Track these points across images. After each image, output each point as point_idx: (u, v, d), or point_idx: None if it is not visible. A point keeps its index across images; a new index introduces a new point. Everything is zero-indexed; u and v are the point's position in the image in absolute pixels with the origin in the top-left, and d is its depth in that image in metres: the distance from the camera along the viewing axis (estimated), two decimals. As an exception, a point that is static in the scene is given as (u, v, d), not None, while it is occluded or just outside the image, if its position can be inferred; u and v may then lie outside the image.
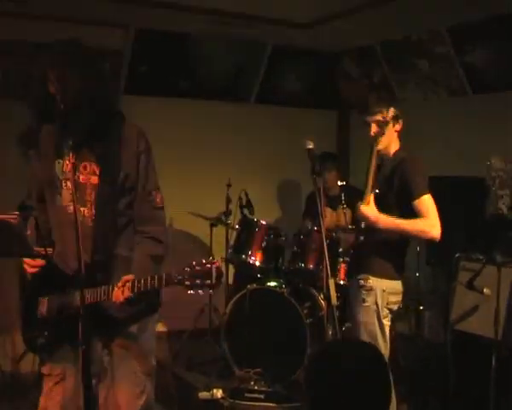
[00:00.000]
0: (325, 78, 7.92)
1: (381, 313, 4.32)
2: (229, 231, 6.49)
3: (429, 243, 5.74)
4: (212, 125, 7.43)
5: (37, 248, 3.14)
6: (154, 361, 3.70)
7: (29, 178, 3.55)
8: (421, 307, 6.40)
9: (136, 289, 3.19)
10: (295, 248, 5.96)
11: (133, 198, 3.44)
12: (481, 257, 5.15)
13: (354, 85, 7.84)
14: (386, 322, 4.36)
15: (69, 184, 3.36)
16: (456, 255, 5.41)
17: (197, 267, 3.10)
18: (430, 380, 5.65)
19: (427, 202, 4.18)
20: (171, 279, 3.11)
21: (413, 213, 4.16)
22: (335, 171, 6.63)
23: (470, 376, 5.24)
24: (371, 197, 4.19)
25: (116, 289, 3.23)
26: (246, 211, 6.35)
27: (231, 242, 6.35)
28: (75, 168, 3.28)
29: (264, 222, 6.10)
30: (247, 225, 6.15)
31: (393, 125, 4.41)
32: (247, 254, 6.03)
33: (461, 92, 6.66)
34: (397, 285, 4.40)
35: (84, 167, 3.36)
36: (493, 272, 4.95)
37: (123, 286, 3.21)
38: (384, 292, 4.32)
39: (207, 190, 7.05)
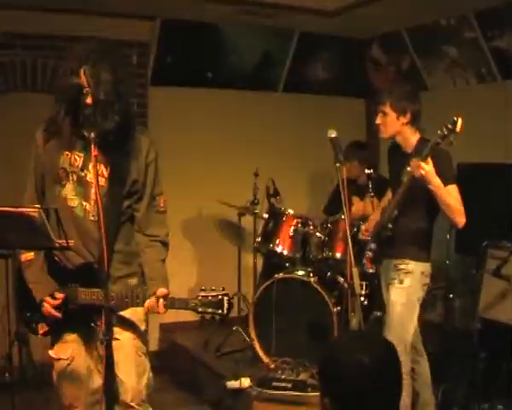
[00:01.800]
0: (353, 65, 7.85)
1: (419, 295, 4.61)
2: (257, 220, 6.50)
3: (458, 231, 5.79)
4: (240, 115, 7.44)
5: (58, 241, 3.18)
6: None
7: (34, 171, 3.59)
8: (451, 296, 6.36)
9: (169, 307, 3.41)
10: (323, 237, 5.94)
11: (135, 200, 3.60)
12: (509, 245, 5.12)
13: (382, 72, 7.78)
14: (418, 305, 4.62)
15: (75, 177, 3.48)
16: (484, 243, 5.39)
17: (210, 297, 3.29)
18: (458, 368, 5.62)
19: (456, 191, 4.39)
20: (185, 304, 3.34)
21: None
22: (357, 160, 6.59)
23: (498, 364, 5.21)
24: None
25: (152, 300, 3.40)
26: (273, 200, 6.35)
27: (259, 231, 6.35)
28: (86, 164, 3.46)
29: (291, 211, 6.10)
30: (275, 215, 6.16)
31: (398, 118, 4.58)
32: (274, 243, 6.04)
33: (490, 78, 6.58)
34: (429, 268, 4.68)
35: (92, 168, 3.41)
36: (521, 260, 4.93)
37: (161, 299, 3.39)
38: (422, 274, 4.61)
39: (235, 179, 7.05)
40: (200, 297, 3.29)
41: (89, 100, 3.28)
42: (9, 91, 6.41)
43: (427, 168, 4.20)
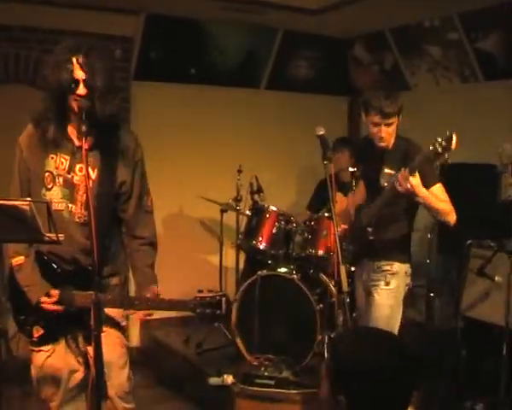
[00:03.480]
0: (336, 64, 7.89)
1: (402, 295, 4.62)
2: (240, 216, 6.50)
3: (441, 230, 5.83)
4: (223, 112, 7.42)
5: (48, 235, 3.15)
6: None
7: (19, 171, 3.55)
8: (432, 294, 6.39)
9: (147, 308, 3.53)
10: (306, 235, 5.94)
11: (123, 201, 3.59)
12: (492, 244, 5.16)
13: (365, 71, 7.81)
14: (401, 306, 4.63)
15: (61, 180, 3.46)
16: (468, 242, 5.42)
17: (208, 299, 3.35)
18: (440, 366, 5.65)
19: (442, 189, 4.36)
20: (184, 306, 3.42)
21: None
22: (348, 152, 6.61)
23: (481, 363, 5.26)
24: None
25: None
26: (256, 197, 6.33)
27: (242, 228, 6.34)
28: (72, 166, 3.44)
29: (274, 208, 6.08)
30: (258, 211, 6.13)
31: (398, 120, 4.45)
32: (257, 240, 6.01)
33: (473, 79, 6.63)
34: (410, 267, 4.67)
35: (80, 170, 3.43)
36: (504, 260, 4.96)
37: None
38: (405, 274, 4.62)
39: (218, 176, 7.03)
40: (198, 298, 3.34)
41: (81, 91, 3.25)
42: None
43: (414, 182, 4.07)
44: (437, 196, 4.29)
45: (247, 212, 6.25)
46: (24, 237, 3.29)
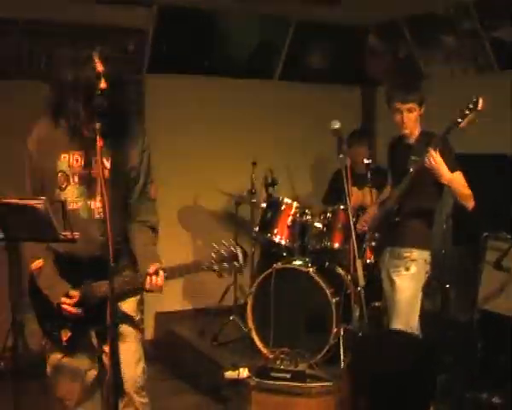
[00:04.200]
0: (350, 53, 7.82)
1: (422, 282, 4.83)
2: (255, 209, 6.48)
3: (456, 222, 5.83)
4: (237, 103, 7.37)
5: (64, 233, 3.15)
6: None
7: (30, 174, 3.55)
8: (447, 286, 6.36)
9: (168, 277, 3.41)
10: (321, 227, 5.94)
11: (130, 188, 3.57)
12: (509, 236, 5.13)
13: (379, 61, 7.76)
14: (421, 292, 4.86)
15: (77, 178, 3.45)
16: (484, 234, 5.39)
17: (223, 252, 3.32)
18: (456, 358, 5.63)
19: (462, 177, 4.57)
20: (200, 266, 3.38)
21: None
22: (365, 145, 6.60)
23: (497, 355, 5.23)
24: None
25: (148, 278, 3.38)
26: (271, 189, 6.33)
27: (257, 220, 6.33)
28: (88, 161, 3.42)
29: (289, 201, 6.08)
30: (273, 204, 6.14)
31: (420, 110, 4.72)
32: (272, 233, 6.03)
33: (488, 68, 6.57)
34: (429, 256, 4.87)
35: (96, 162, 3.39)
36: (521, 252, 4.94)
37: (156, 274, 3.37)
38: (425, 262, 4.82)
39: (233, 168, 7.00)
40: (213, 255, 3.34)
41: (103, 84, 3.24)
42: (6, 78, 6.34)
43: (437, 159, 4.35)
44: (459, 181, 4.53)
45: (262, 205, 6.23)
46: (39, 237, 3.28)
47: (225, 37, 7.16)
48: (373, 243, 4.93)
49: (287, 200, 6.09)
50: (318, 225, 5.96)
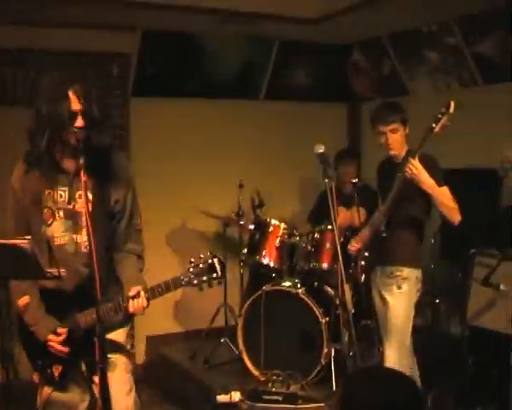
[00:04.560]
0: (334, 70, 7.84)
1: (414, 299, 4.82)
2: (243, 231, 6.48)
3: (444, 236, 5.85)
4: (223, 124, 7.38)
5: (49, 270, 3.16)
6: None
7: (14, 211, 3.52)
8: (437, 300, 6.37)
9: (148, 299, 3.39)
10: (309, 248, 5.94)
11: (116, 220, 3.57)
12: (497, 252, 5.15)
13: (364, 77, 7.79)
14: (413, 310, 4.83)
15: (62, 213, 3.43)
16: (472, 251, 5.42)
17: (200, 265, 3.33)
18: (446, 373, 5.64)
19: (448, 191, 4.59)
20: (179, 282, 3.36)
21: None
22: (353, 165, 6.62)
23: (486, 371, 5.24)
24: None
25: (131, 301, 3.37)
26: (258, 211, 6.32)
27: (245, 243, 6.33)
28: (72, 196, 3.41)
29: (276, 222, 6.09)
30: (260, 226, 6.15)
31: (404, 130, 4.74)
32: (260, 255, 6.04)
33: (472, 82, 6.59)
34: (421, 273, 4.87)
35: (80, 196, 3.41)
36: (509, 268, 4.95)
37: (137, 297, 3.37)
38: (416, 279, 4.82)
39: (220, 189, 6.99)
40: (191, 269, 3.32)
41: (79, 122, 3.23)
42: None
43: (418, 167, 4.40)
44: (443, 192, 4.56)
45: (250, 227, 6.23)
46: (26, 275, 3.31)
47: (209, 58, 7.14)
48: (362, 263, 4.93)
49: (274, 221, 6.09)
50: (306, 246, 5.96)
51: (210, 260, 3.33)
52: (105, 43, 6.52)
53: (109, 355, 3.47)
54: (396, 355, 4.74)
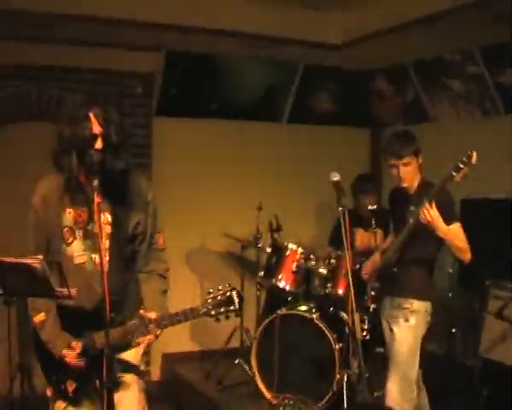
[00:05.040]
0: (358, 96, 7.87)
1: (422, 332, 4.74)
2: (260, 253, 6.50)
3: (462, 266, 5.83)
4: (244, 146, 7.44)
5: (60, 289, 3.21)
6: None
7: (34, 229, 3.57)
8: (453, 330, 6.34)
9: (163, 326, 3.43)
10: (326, 273, 5.95)
11: (139, 241, 3.61)
12: (511, 286, 5.13)
13: (387, 103, 7.80)
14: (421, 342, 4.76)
15: (81, 233, 3.49)
16: (486, 283, 5.40)
17: (218, 297, 3.35)
18: (460, 404, 5.61)
19: (460, 228, 4.55)
20: (198, 313, 3.38)
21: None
22: (372, 193, 6.61)
23: (500, 402, 5.20)
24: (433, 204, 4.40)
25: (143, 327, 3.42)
26: (276, 235, 6.34)
27: (262, 265, 6.36)
28: (99, 210, 3.32)
29: (294, 246, 6.10)
30: (277, 250, 6.17)
31: (417, 162, 4.68)
32: (277, 279, 6.05)
33: (494, 112, 6.60)
34: (430, 306, 4.79)
35: (94, 218, 3.43)
36: (525, 301, 4.94)
37: (152, 322, 3.41)
38: (426, 312, 4.74)
39: (239, 210, 7.02)
40: (209, 300, 3.35)
41: (98, 145, 3.31)
42: (16, 121, 6.46)
43: (432, 213, 4.34)
44: (455, 234, 4.48)
45: (267, 250, 6.26)
46: (37, 293, 3.36)
47: (233, 80, 7.22)
48: (372, 293, 4.94)
49: (291, 245, 6.10)
50: (323, 271, 5.96)
51: (228, 293, 3.35)
52: (130, 63, 6.60)
53: (122, 375, 3.54)
54: (398, 389, 4.67)
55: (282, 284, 6.03)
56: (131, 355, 3.64)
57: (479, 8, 5.16)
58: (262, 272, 6.24)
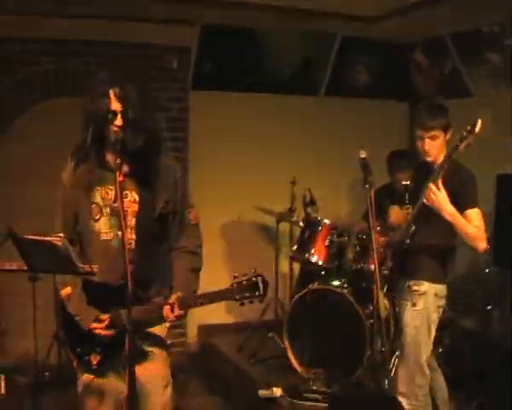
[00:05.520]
0: (396, 69, 7.79)
1: (431, 317, 4.50)
2: (294, 227, 6.51)
3: (496, 241, 5.75)
4: (280, 120, 7.39)
5: (82, 266, 3.26)
6: None
7: (62, 206, 3.63)
8: (489, 307, 6.28)
9: (186, 307, 3.45)
10: (357, 248, 5.92)
11: (168, 220, 3.64)
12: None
13: (426, 76, 7.71)
14: (433, 328, 4.53)
15: (109, 210, 3.53)
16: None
17: (244, 281, 3.34)
18: (492, 383, 5.56)
19: (478, 215, 4.30)
20: (222, 296, 3.39)
21: None
22: (408, 171, 6.53)
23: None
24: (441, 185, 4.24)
25: (166, 307, 3.45)
26: (309, 209, 6.32)
27: (295, 239, 6.37)
28: (121, 188, 3.36)
29: (327, 221, 6.09)
30: (311, 224, 6.16)
31: (445, 136, 4.44)
32: (309, 253, 6.04)
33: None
34: (444, 290, 4.57)
35: (125, 196, 3.49)
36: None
37: (173, 304, 3.44)
38: (436, 296, 4.51)
39: (274, 184, 7.00)
40: (234, 285, 3.35)
41: (118, 121, 3.33)
42: (50, 98, 6.55)
43: (437, 193, 4.20)
44: (470, 220, 4.27)
45: (301, 224, 6.26)
46: (60, 270, 3.42)
47: (269, 53, 7.22)
48: (385, 272, 4.70)
49: (324, 220, 6.09)
50: (355, 246, 5.94)
51: (254, 279, 3.34)
52: (165, 37, 6.61)
53: (148, 348, 3.61)
54: (407, 373, 4.55)
55: (314, 259, 6.03)
56: (158, 330, 3.68)
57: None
58: (295, 247, 6.24)
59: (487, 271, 6.31)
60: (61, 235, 3.25)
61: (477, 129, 4.04)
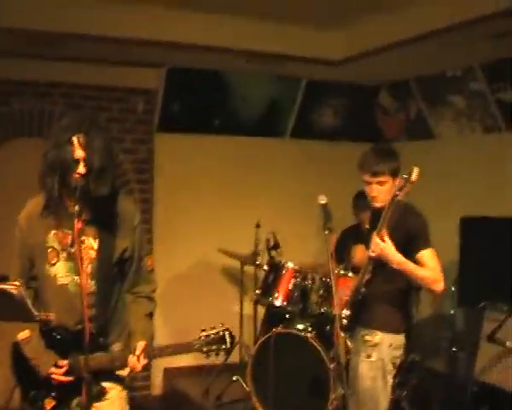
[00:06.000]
0: (361, 111, 7.84)
1: (386, 369, 4.32)
2: (258, 270, 6.50)
3: (463, 282, 5.76)
4: (246, 162, 7.45)
5: (38, 314, 3.23)
6: None
7: (18, 248, 3.59)
8: (454, 349, 6.29)
9: (151, 357, 3.49)
10: (322, 292, 5.91)
11: (128, 265, 3.61)
12: (505, 307, 5.07)
13: (391, 119, 7.78)
14: (390, 378, 4.35)
15: (65, 254, 3.48)
16: (480, 305, 5.34)
17: (212, 335, 3.40)
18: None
19: (432, 255, 4.16)
20: (190, 348, 3.45)
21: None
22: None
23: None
24: (386, 234, 4.09)
25: (132, 358, 3.42)
26: (273, 253, 6.32)
27: (259, 282, 6.35)
28: (79, 235, 3.35)
29: (291, 265, 6.08)
30: (274, 268, 6.14)
31: (393, 182, 4.23)
32: (273, 297, 6.01)
33: (496, 129, 6.56)
34: (401, 340, 4.39)
35: (83, 242, 3.44)
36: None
37: (139, 355, 3.42)
38: (390, 347, 4.32)
39: (239, 227, 7.02)
40: (202, 338, 3.40)
41: (81, 169, 3.29)
42: (16, 138, 6.53)
43: (382, 246, 4.07)
44: (424, 262, 4.13)
45: (265, 267, 6.25)
46: (15, 318, 3.37)
47: (235, 95, 7.23)
48: (344, 321, 4.40)
49: (288, 264, 6.07)
50: (319, 289, 5.93)
51: (221, 332, 3.42)
52: (131, 79, 6.66)
53: (107, 384, 3.52)
54: None
55: (278, 302, 5.99)
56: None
57: (479, 25, 5.11)
58: (259, 290, 6.21)
59: (452, 312, 6.33)
60: (17, 283, 3.19)
61: (413, 177, 3.88)
